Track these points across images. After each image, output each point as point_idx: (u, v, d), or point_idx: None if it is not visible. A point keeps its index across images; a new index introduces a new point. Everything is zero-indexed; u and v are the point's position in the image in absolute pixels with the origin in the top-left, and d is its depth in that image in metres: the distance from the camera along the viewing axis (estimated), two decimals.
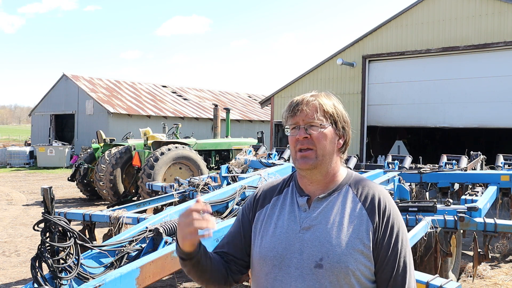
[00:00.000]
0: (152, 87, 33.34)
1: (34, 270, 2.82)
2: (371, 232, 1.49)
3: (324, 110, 1.55)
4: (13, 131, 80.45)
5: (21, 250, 7.13)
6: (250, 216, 1.68)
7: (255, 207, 1.68)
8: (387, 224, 1.51)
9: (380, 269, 1.50)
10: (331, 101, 1.59)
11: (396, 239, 1.51)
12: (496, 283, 5.48)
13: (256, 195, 1.72)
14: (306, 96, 1.58)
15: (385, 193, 1.58)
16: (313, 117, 1.54)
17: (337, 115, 1.58)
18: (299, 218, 1.55)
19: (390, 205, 1.56)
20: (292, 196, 1.62)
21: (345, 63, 15.44)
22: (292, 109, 1.57)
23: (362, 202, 1.54)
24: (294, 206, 1.59)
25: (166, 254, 3.21)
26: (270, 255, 1.53)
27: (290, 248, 1.51)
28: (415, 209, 4.70)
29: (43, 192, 2.95)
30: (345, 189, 1.58)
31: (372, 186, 1.59)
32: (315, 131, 1.53)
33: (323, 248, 1.47)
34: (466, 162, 7.93)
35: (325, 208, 1.54)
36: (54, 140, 28.07)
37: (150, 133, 11.70)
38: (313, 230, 1.51)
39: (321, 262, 1.46)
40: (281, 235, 1.54)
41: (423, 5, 14.32)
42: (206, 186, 6.30)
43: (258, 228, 1.62)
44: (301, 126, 1.54)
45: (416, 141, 20.23)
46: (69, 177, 12.90)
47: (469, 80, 13.60)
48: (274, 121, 18.17)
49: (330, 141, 1.56)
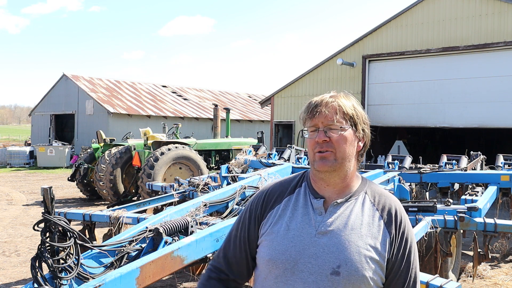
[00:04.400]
0: (152, 87, 33.34)
1: (34, 270, 2.82)
2: (388, 243, 1.48)
3: (344, 112, 1.50)
4: (13, 131, 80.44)
5: (21, 250, 7.13)
6: (258, 218, 1.60)
7: (264, 208, 1.60)
8: (402, 236, 1.51)
9: (393, 280, 1.50)
10: (351, 102, 1.54)
11: (409, 251, 1.52)
12: (496, 283, 5.48)
13: (266, 196, 1.62)
14: (325, 97, 1.53)
15: (400, 205, 1.58)
16: (333, 119, 1.48)
17: (357, 116, 1.53)
18: (315, 221, 1.49)
19: (405, 218, 1.55)
20: (306, 198, 1.56)
21: (345, 63, 15.44)
22: (311, 111, 1.51)
23: (380, 212, 1.52)
24: (308, 209, 1.53)
25: (166, 254, 3.20)
26: (282, 258, 1.47)
27: (304, 252, 1.46)
28: (415, 209, 4.69)
29: (43, 192, 2.95)
30: (362, 196, 1.55)
31: (389, 196, 1.58)
32: (335, 134, 1.48)
33: (340, 255, 1.43)
34: (466, 162, 7.93)
35: (343, 214, 1.49)
36: (54, 140, 28.06)
37: (150, 133, 11.70)
38: (330, 235, 1.46)
39: (338, 269, 1.42)
40: (294, 238, 1.48)
41: (423, 5, 14.32)
42: (206, 186, 6.30)
43: (267, 229, 1.55)
44: (320, 129, 1.49)
45: (416, 141, 20.22)
46: (69, 177, 12.90)
47: (469, 80, 13.59)
48: (274, 121, 18.16)
49: (350, 144, 1.51)
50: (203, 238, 3.53)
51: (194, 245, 3.44)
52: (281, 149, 9.46)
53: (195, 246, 3.44)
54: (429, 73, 14.38)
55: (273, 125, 18.19)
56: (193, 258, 3.44)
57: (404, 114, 14.99)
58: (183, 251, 3.33)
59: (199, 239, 3.49)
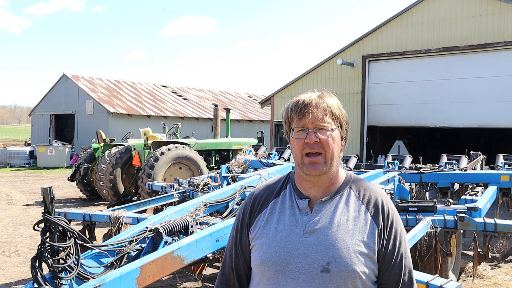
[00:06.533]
0: (152, 87, 33.33)
1: (34, 270, 2.82)
2: (377, 235, 1.48)
3: (332, 113, 1.51)
4: (13, 131, 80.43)
5: (21, 250, 7.13)
6: (247, 225, 1.62)
7: (253, 214, 1.62)
8: (391, 227, 1.51)
9: (387, 271, 1.50)
10: (336, 102, 1.55)
11: (400, 241, 1.52)
12: (496, 283, 5.48)
13: (252, 202, 1.64)
14: (313, 97, 1.52)
15: (386, 196, 1.58)
16: (323, 120, 1.49)
17: (342, 116, 1.55)
18: (301, 221, 1.52)
19: (392, 209, 1.56)
20: (291, 199, 1.58)
21: (345, 63, 15.44)
22: (300, 111, 1.51)
23: (365, 205, 1.52)
24: (295, 209, 1.55)
25: (166, 254, 3.20)
26: (272, 260, 1.49)
27: (293, 252, 1.47)
28: (415, 209, 4.70)
29: (43, 192, 2.95)
30: (346, 191, 1.56)
31: (373, 189, 1.58)
32: (324, 135, 1.49)
33: (329, 252, 1.44)
34: (466, 162, 7.93)
35: (328, 211, 1.51)
36: (54, 140, 28.06)
37: (150, 133, 11.70)
38: (317, 234, 1.48)
39: (328, 266, 1.43)
40: (283, 239, 1.50)
41: (423, 5, 14.32)
42: (206, 186, 6.30)
43: (256, 233, 1.57)
44: (310, 130, 1.49)
45: (416, 141, 20.22)
46: (69, 177, 12.90)
47: (469, 80, 13.59)
48: (274, 121, 18.17)
49: (337, 144, 1.53)
50: (203, 238, 3.53)
51: (194, 245, 3.44)
52: (281, 149, 9.47)
53: (195, 246, 3.44)
54: (429, 73, 14.38)
55: (273, 125, 18.20)
56: (193, 258, 3.44)
57: (404, 114, 14.99)
58: (183, 251, 3.33)
59: (199, 239, 3.49)
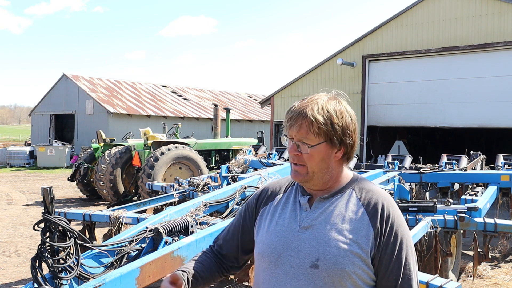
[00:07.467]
0: (152, 87, 33.33)
1: (34, 270, 2.82)
2: (372, 238, 1.46)
3: (318, 127, 1.47)
4: (13, 131, 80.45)
5: (21, 250, 7.13)
6: (253, 213, 1.71)
7: (259, 204, 1.70)
8: (390, 231, 1.48)
9: (384, 276, 1.48)
10: (329, 113, 1.48)
11: (400, 247, 1.48)
12: (496, 283, 5.48)
13: (261, 193, 1.73)
14: (303, 107, 1.49)
15: (390, 200, 1.55)
16: (304, 135, 1.48)
17: (333, 129, 1.48)
18: (300, 217, 1.55)
19: (394, 212, 1.52)
20: (295, 195, 1.63)
21: (345, 63, 15.44)
22: (288, 120, 1.52)
23: (364, 207, 1.51)
24: (296, 205, 1.59)
25: (166, 254, 3.20)
26: (267, 252, 1.55)
27: (287, 246, 1.51)
28: (415, 209, 4.70)
29: (43, 192, 2.95)
30: (348, 192, 1.56)
31: (377, 192, 1.55)
32: (304, 151, 1.49)
33: (319, 249, 1.46)
34: (466, 162, 7.93)
35: (327, 209, 1.53)
36: (54, 140, 28.06)
37: (150, 133, 11.70)
38: (312, 230, 1.50)
39: (317, 262, 1.45)
40: (280, 232, 1.55)
41: (423, 5, 14.32)
42: (206, 186, 6.30)
43: (260, 225, 1.64)
44: (293, 142, 1.51)
45: (416, 141, 20.23)
46: (69, 177, 12.89)
47: (469, 80, 13.59)
48: (274, 121, 18.17)
49: (322, 159, 1.50)
50: (203, 238, 3.53)
51: (194, 245, 3.44)
52: (281, 149, 9.47)
53: (195, 246, 3.45)
54: (429, 73, 14.38)
55: (273, 125, 18.19)
56: None
57: (404, 114, 14.99)
58: (183, 251, 3.33)
59: (199, 239, 3.49)
